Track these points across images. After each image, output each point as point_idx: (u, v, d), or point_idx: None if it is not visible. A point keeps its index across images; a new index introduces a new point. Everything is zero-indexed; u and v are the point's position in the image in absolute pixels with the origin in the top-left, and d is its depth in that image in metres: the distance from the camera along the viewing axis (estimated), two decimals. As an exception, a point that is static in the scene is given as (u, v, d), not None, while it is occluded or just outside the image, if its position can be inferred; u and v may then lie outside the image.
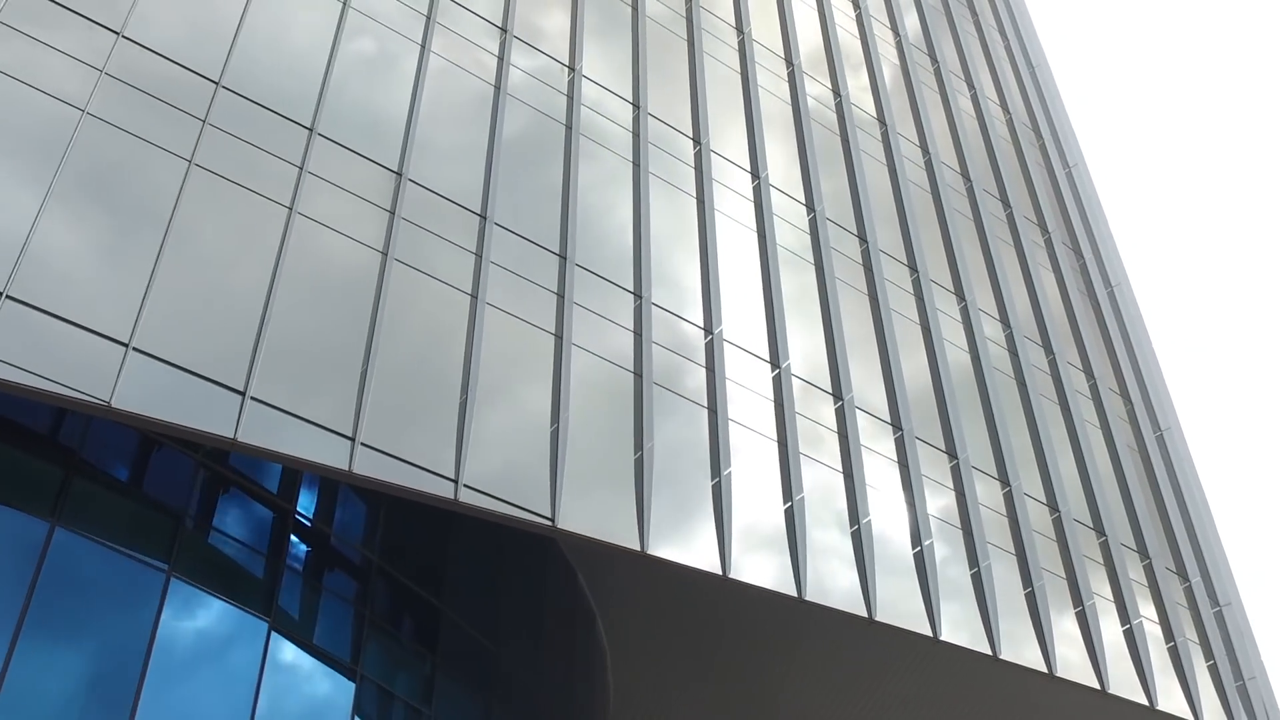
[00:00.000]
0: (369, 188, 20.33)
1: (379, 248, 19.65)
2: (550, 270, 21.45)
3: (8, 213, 16.32)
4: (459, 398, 18.68)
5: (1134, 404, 29.79)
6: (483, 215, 21.34)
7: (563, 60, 25.57)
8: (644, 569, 22.34)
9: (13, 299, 15.60)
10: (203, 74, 19.78)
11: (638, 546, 18.84)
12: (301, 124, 20.31)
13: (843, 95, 31.20)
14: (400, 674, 18.87)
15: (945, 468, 24.23)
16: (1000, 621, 22.32)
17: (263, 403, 16.71)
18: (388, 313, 18.94)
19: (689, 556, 19.31)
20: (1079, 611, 23.78)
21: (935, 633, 21.22)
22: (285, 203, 19.12)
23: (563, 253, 21.87)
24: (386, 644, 18.88)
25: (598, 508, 18.87)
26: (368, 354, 18.21)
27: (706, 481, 20.45)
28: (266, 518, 18.28)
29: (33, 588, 15.16)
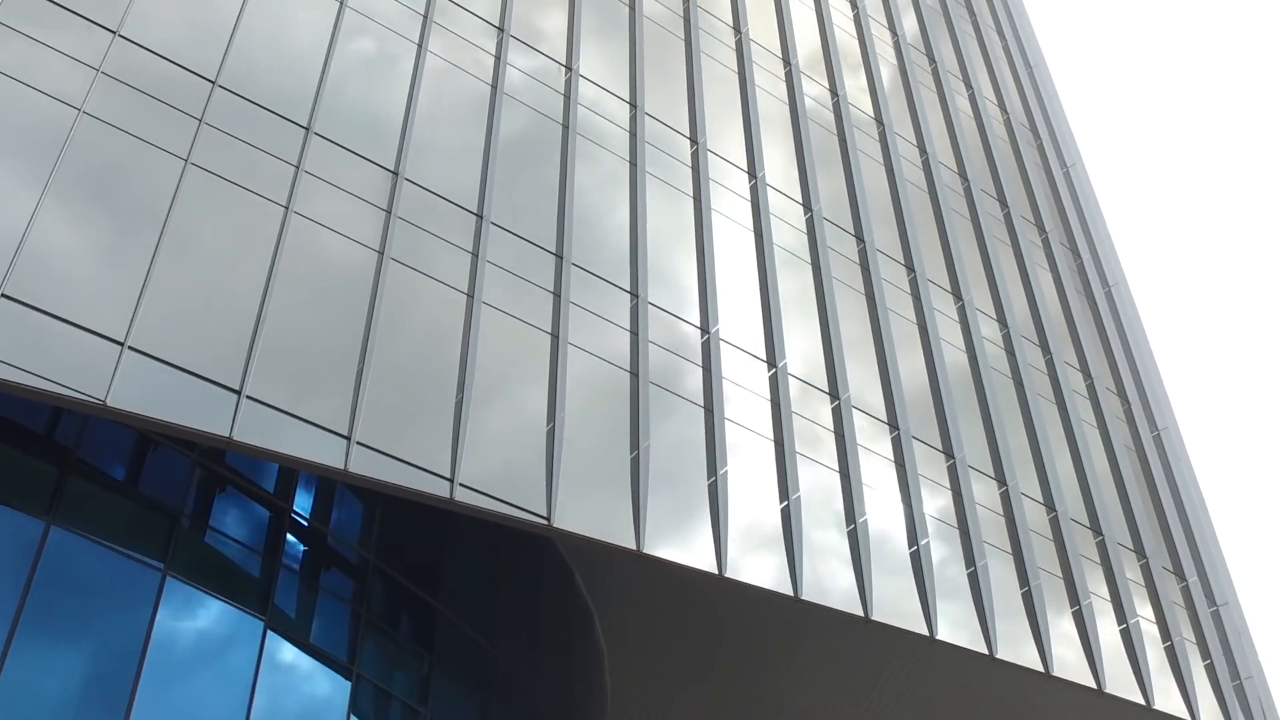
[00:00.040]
0: (366, 187, 20.34)
1: (376, 247, 19.66)
2: (547, 270, 21.46)
3: (4, 212, 16.33)
4: (455, 397, 18.69)
5: (1131, 403, 29.79)
6: (479, 215, 21.34)
7: (560, 60, 25.58)
8: (641, 569, 22.34)
9: (9, 298, 15.60)
10: (200, 73, 19.79)
11: (634, 546, 18.85)
12: (298, 123, 20.32)
13: (840, 95, 31.21)
14: (397, 673, 18.87)
15: (942, 467, 24.23)
16: (997, 621, 22.33)
17: (259, 402, 16.71)
18: (384, 312, 18.94)
19: (685, 556, 19.31)
20: (1076, 611, 23.79)
21: (932, 632, 21.22)
22: (282, 202, 19.13)
23: (559, 252, 21.88)
24: (383, 643, 18.89)
25: (594, 507, 18.88)
26: (364, 353, 18.22)
27: (703, 481, 20.46)
28: (263, 517, 18.29)
29: (28, 587, 15.16)
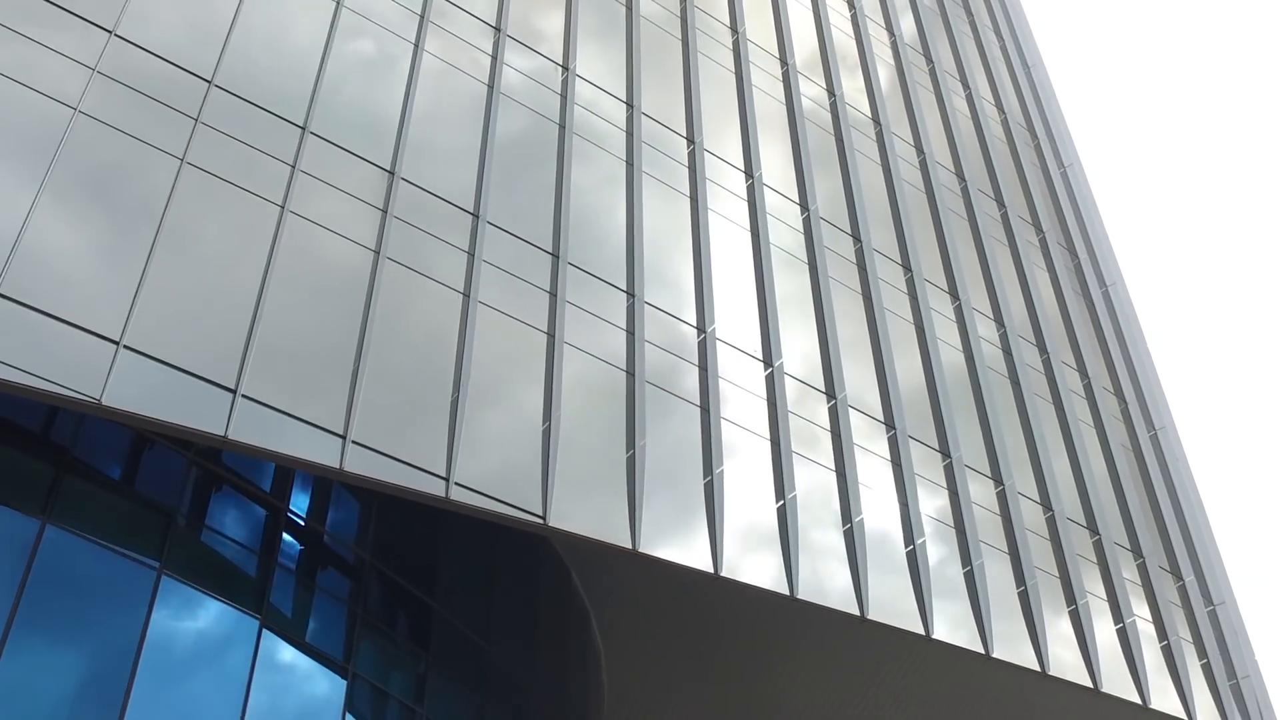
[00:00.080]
0: (362, 186, 20.34)
1: (372, 247, 19.66)
2: (543, 269, 21.47)
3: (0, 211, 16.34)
4: (451, 396, 18.69)
5: (1128, 403, 29.80)
6: (476, 214, 21.35)
7: (557, 60, 25.59)
8: (638, 568, 22.34)
9: (4, 297, 15.60)
10: (196, 73, 19.79)
11: (629, 545, 18.85)
12: (295, 123, 20.32)
13: (837, 95, 31.22)
14: (393, 673, 18.88)
15: (939, 467, 24.24)
16: (993, 620, 22.33)
17: (254, 401, 16.72)
18: (380, 311, 18.95)
19: (681, 555, 19.32)
20: (1072, 610, 23.79)
21: (928, 631, 21.23)
22: (278, 201, 19.13)
23: (556, 251, 21.88)
24: (380, 643, 18.89)
25: (590, 506, 18.88)
26: (360, 352, 18.22)
27: (699, 480, 20.47)
28: (259, 516, 18.29)
29: (23, 585, 15.16)
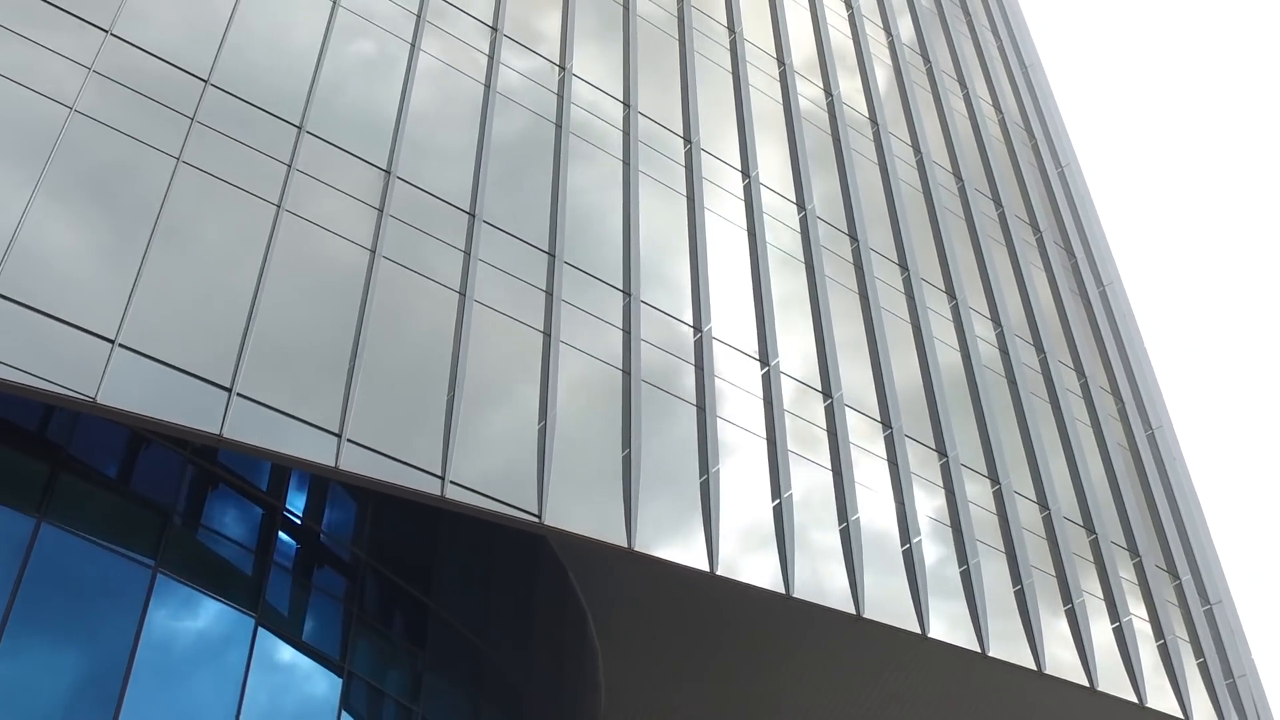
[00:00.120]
0: (359, 186, 20.36)
1: (368, 245, 19.67)
2: (539, 268, 21.48)
3: (-5, 210, 16.35)
4: (447, 395, 18.71)
5: (1125, 402, 29.81)
6: (472, 213, 21.36)
7: (554, 59, 25.60)
8: (635, 568, 22.35)
9: (0, 295, 15.63)
10: (192, 72, 19.80)
11: (625, 544, 18.86)
12: (291, 122, 20.33)
13: (834, 95, 31.23)
14: (389, 671, 18.89)
15: (935, 466, 24.25)
16: (990, 619, 22.34)
17: (249, 399, 16.73)
18: (376, 310, 18.96)
19: (677, 554, 19.33)
20: (1069, 609, 23.80)
21: (924, 630, 21.24)
22: (274, 200, 19.15)
23: (552, 251, 21.89)
24: (375, 641, 18.90)
25: (585, 505, 18.90)
26: (355, 351, 18.24)
27: (695, 479, 20.47)
28: (255, 515, 18.30)
29: (18, 584, 15.18)
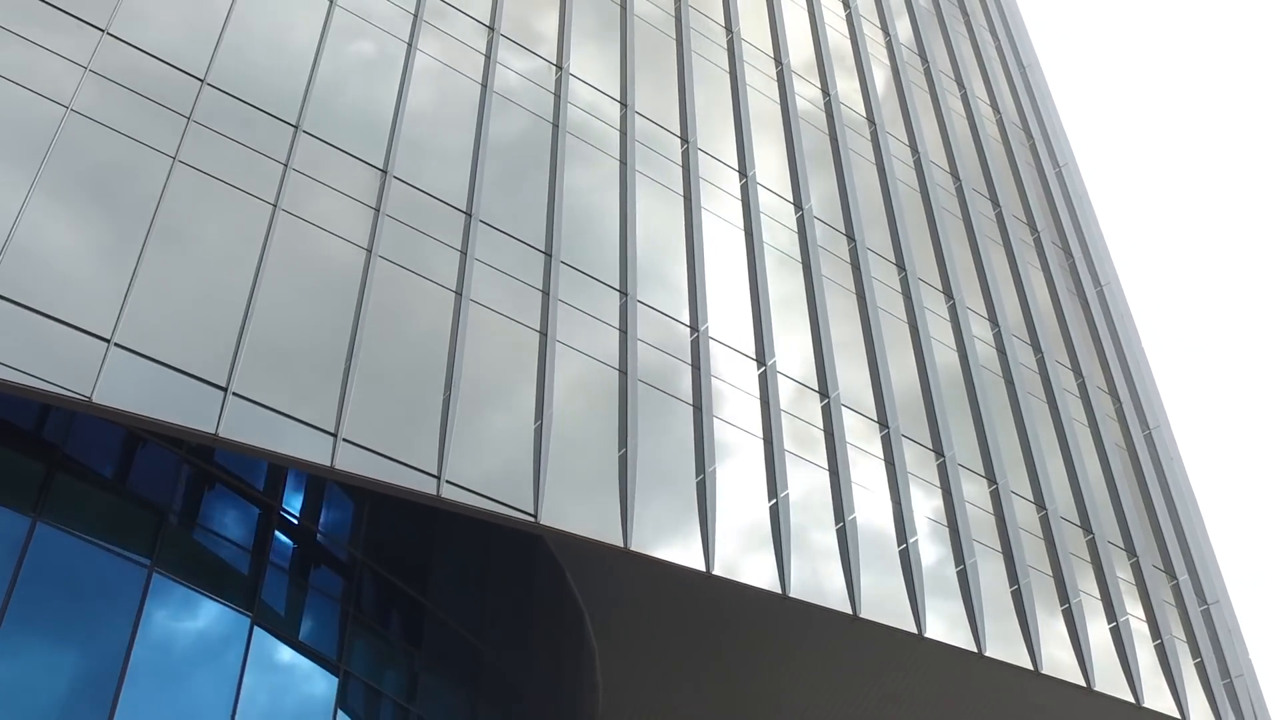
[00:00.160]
0: (355, 185, 20.36)
1: (364, 245, 19.68)
2: (536, 268, 21.48)
3: (-9, 209, 16.36)
4: (443, 394, 18.71)
5: (1122, 402, 29.82)
6: (468, 213, 21.37)
7: (551, 59, 25.61)
8: (632, 567, 22.36)
9: (-5, 295, 15.63)
10: (189, 72, 19.81)
11: (621, 544, 18.87)
12: (288, 122, 20.34)
13: (832, 95, 31.24)
14: (386, 671, 18.89)
15: (932, 466, 24.25)
16: (986, 619, 22.34)
17: (245, 399, 16.74)
18: (372, 310, 18.97)
19: (673, 554, 19.33)
20: (1066, 609, 23.81)
21: (920, 630, 21.24)
22: (271, 200, 19.15)
23: (549, 250, 21.90)
24: (371, 641, 18.90)
25: (581, 504, 18.90)
26: (351, 350, 18.24)
27: (691, 479, 20.48)
28: (251, 514, 18.30)
29: (14, 583, 15.18)
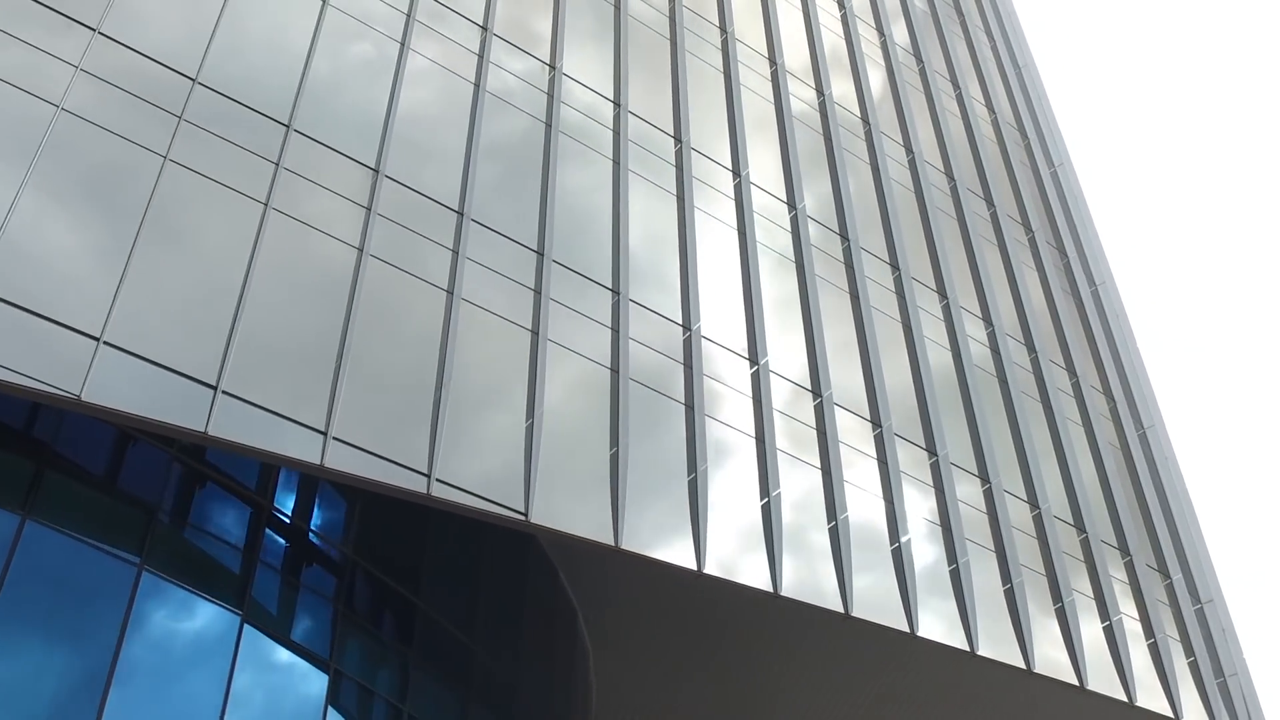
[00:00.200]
0: (347, 184, 20.36)
1: (356, 244, 19.68)
2: (528, 267, 21.49)
3: (-20, 208, 16.35)
4: (434, 393, 18.71)
5: (1117, 401, 29.81)
6: (461, 212, 21.36)
7: (544, 58, 25.61)
8: (625, 567, 22.35)
9: (-16, 293, 15.63)
10: (181, 71, 19.81)
11: (612, 542, 18.87)
12: (279, 121, 20.34)
13: (826, 95, 31.24)
14: (377, 670, 18.88)
15: (925, 465, 24.25)
16: (979, 618, 22.34)
17: (235, 397, 16.73)
18: (363, 308, 18.97)
19: (664, 552, 19.33)
20: (1059, 608, 23.80)
21: (912, 629, 21.24)
22: (262, 199, 19.15)
23: (541, 249, 21.90)
24: (363, 640, 18.90)
25: (573, 503, 18.90)
26: (342, 349, 18.24)
27: (684, 478, 20.48)
28: (242, 513, 18.30)
29: (2, 581, 15.17)
